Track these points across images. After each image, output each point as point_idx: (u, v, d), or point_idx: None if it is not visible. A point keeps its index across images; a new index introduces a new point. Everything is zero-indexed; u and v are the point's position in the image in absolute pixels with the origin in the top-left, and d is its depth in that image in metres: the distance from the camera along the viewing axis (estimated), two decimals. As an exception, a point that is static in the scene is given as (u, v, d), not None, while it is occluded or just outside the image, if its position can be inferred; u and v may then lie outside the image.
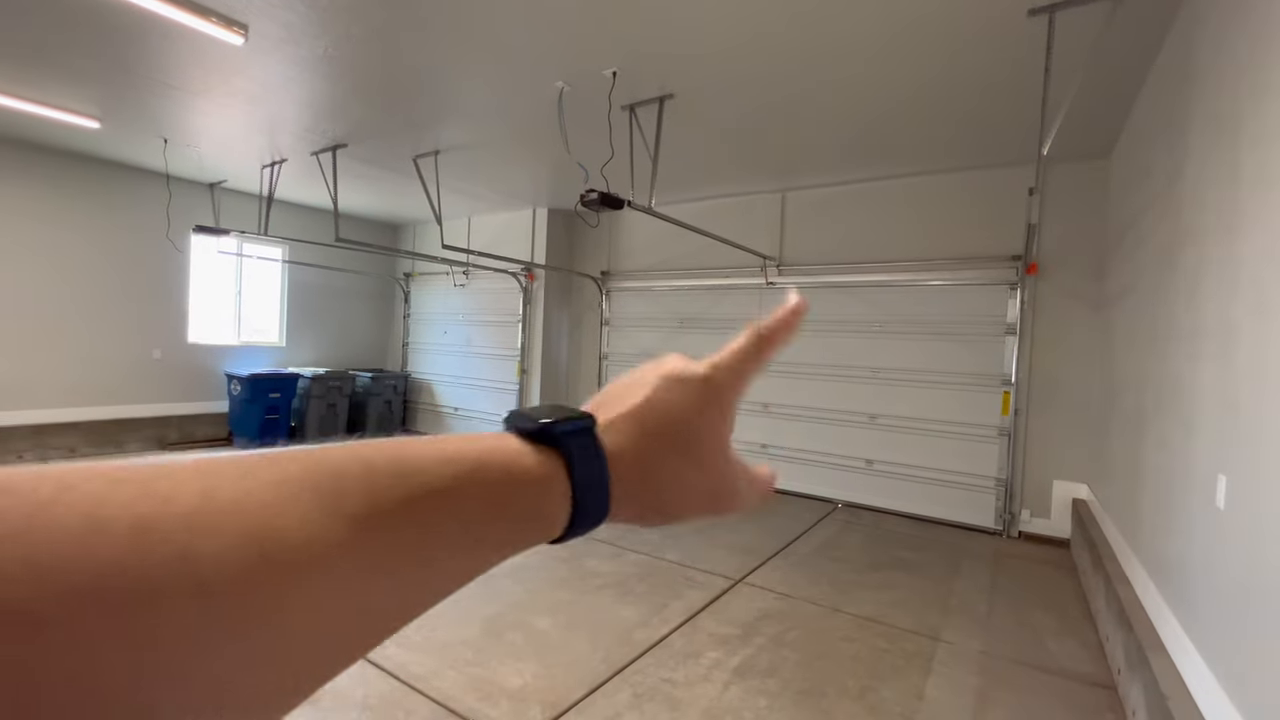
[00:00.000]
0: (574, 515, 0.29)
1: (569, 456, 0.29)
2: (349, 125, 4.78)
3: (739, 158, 5.15)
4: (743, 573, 3.83)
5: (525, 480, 0.27)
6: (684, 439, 0.33)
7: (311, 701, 2.05)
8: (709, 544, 4.35)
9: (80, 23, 3.35)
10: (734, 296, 6.42)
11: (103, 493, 0.17)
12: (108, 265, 6.37)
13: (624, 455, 0.30)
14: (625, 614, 3.16)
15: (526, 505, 0.27)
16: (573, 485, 0.29)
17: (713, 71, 3.58)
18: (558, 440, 0.29)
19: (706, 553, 4.16)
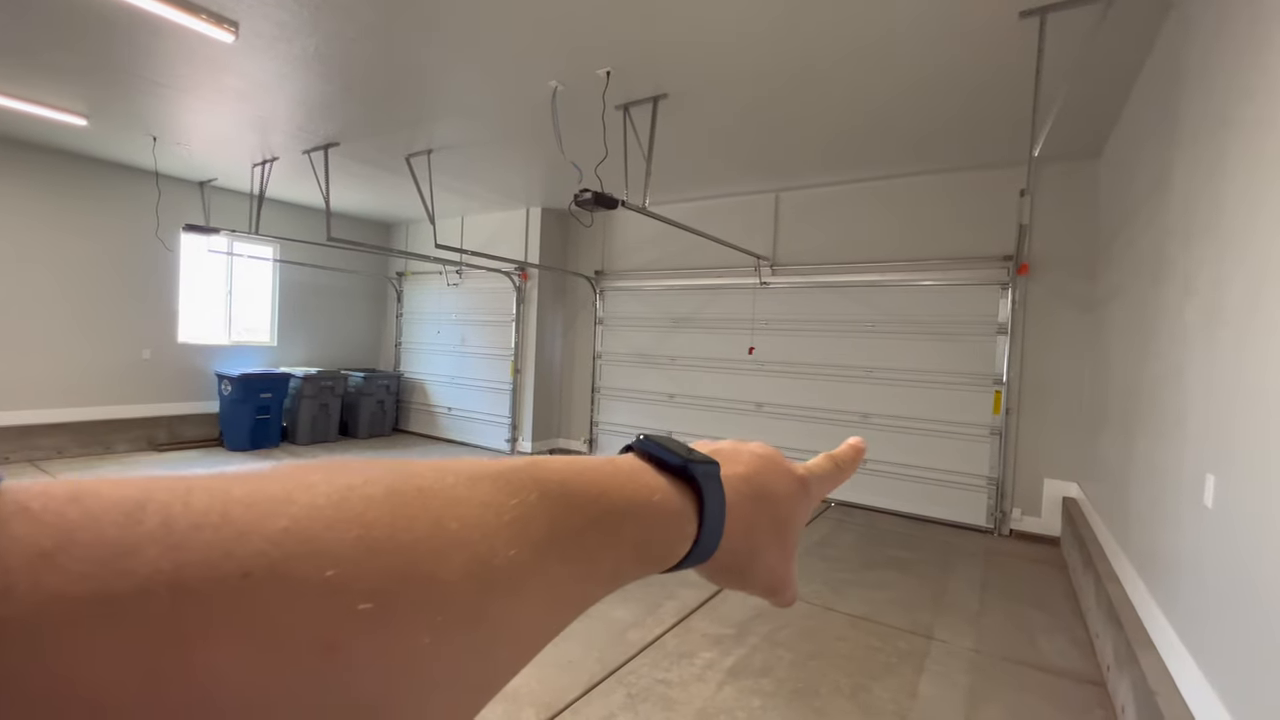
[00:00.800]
0: (689, 552, 0.30)
1: (702, 495, 0.30)
2: (341, 123, 4.75)
3: (733, 157, 5.16)
4: (736, 572, 3.83)
5: (673, 514, 0.29)
6: (781, 518, 0.35)
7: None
8: (703, 543, 4.35)
9: (67, 19, 3.31)
10: (727, 296, 6.43)
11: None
12: (96, 264, 6.30)
13: (734, 509, 0.32)
14: (619, 614, 3.16)
15: (668, 536, 0.29)
16: (700, 524, 0.30)
17: (706, 71, 3.58)
18: (695, 478, 0.30)
19: (700, 552, 4.16)
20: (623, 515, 0.26)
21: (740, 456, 0.35)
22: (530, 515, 0.23)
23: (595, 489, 0.26)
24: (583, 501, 0.25)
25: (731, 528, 0.32)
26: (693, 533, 0.30)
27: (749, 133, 4.55)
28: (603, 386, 7.37)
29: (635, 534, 0.27)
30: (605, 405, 7.35)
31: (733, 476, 0.33)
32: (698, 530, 0.30)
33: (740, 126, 4.43)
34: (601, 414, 7.37)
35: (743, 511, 0.33)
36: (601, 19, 3.07)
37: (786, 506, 0.36)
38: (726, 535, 0.31)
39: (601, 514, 0.26)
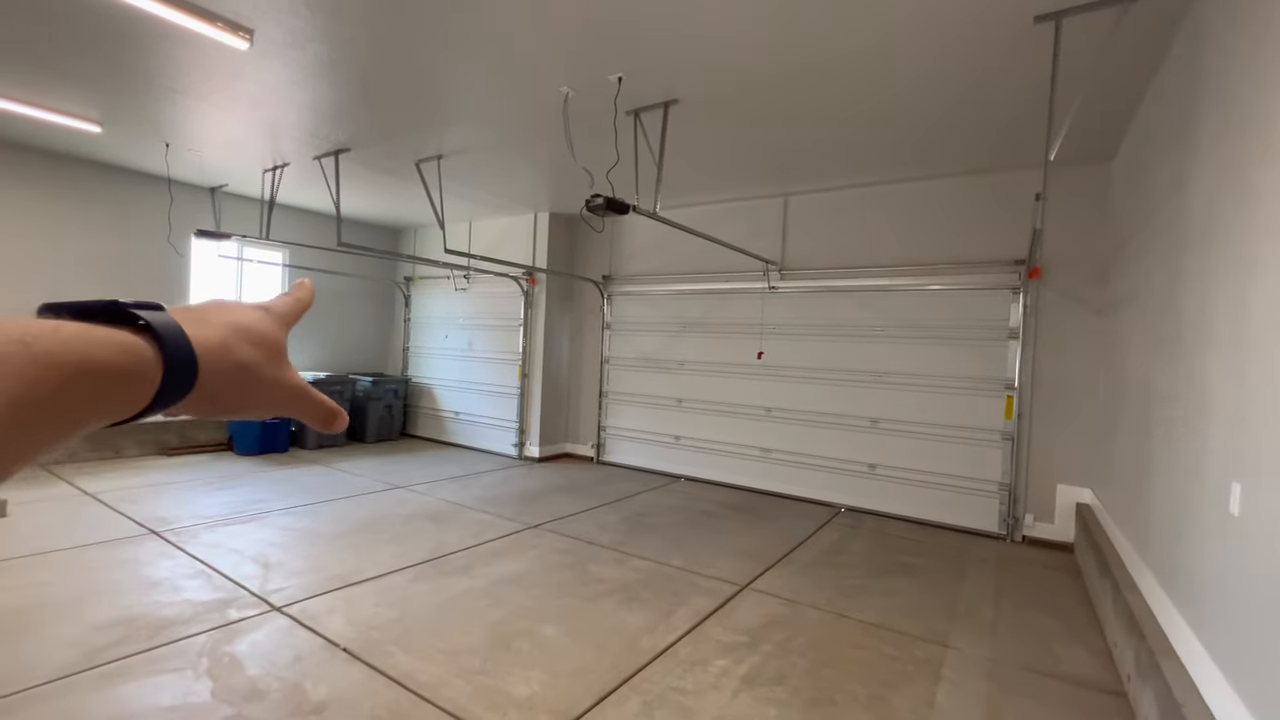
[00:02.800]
0: (165, 385, 0.33)
1: (155, 329, 0.33)
2: (352, 129, 4.77)
3: (742, 162, 5.15)
4: (748, 578, 3.81)
5: (104, 343, 0.30)
6: (258, 338, 0.40)
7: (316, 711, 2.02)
8: (712, 550, 4.33)
9: (83, 27, 3.34)
10: (736, 301, 6.41)
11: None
12: (108, 270, 6.34)
13: (203, 341, 0.36)
14: (631, 621, 3.14)
15: (106, 366, 0.30)
16: (164, 355, 0.33)
17: (717, 76, 3.57)
18: (134, 316, 0.33)
19: (710, 558, 4.14)
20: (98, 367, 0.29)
21: (188, 309, 0.39)
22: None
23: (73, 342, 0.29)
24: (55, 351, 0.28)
25: (207, 351, 0.35)
26: (154, 362, 0.32)
27: (758, 137, 4.54)
28: (610, 391, 7.36)
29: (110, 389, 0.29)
30: (613, 410, 7.34)
31: (192, 319, 0.36)
32: (162, 358, 0.32)
33: (750, 131, 4.42)
34: (609, 418, 7.36)
35: (210, 337, 0.36)
36: (613, 26, 3.07)
37: (260, 328, 0.41)
38: (203, 357, 0.35)
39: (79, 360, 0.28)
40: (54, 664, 2.49)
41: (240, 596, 3.21)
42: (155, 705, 2.25)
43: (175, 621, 2.90)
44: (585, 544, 4.33)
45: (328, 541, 4.12)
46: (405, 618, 3.05)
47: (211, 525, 4.35)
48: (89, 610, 2.97)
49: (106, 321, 0.31)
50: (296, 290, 0.50)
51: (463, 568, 3.75)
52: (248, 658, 2.61)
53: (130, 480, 5.50)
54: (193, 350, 0.34)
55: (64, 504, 4.68)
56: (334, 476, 6.04)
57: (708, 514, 5.31)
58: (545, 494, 5.72)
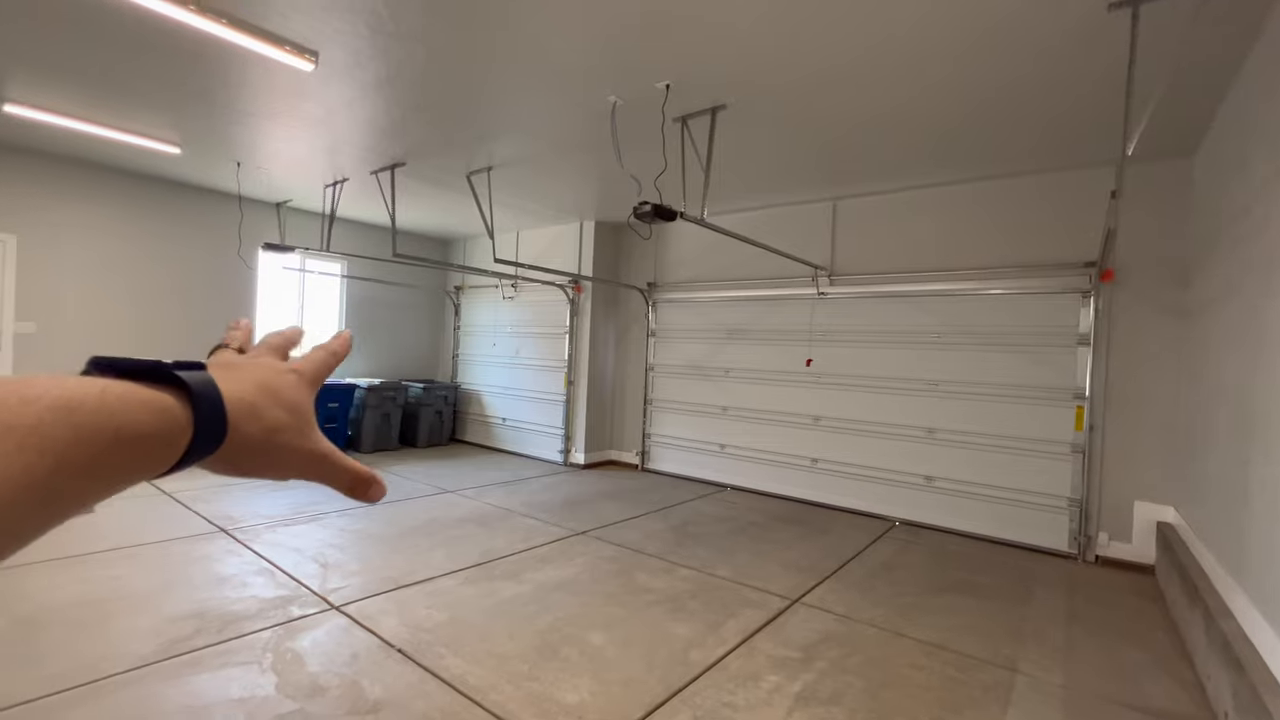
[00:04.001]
0: (193, 445, 0.33)
1: (191, 389, 0.33)
2: (408, 144, 4.94)
3: (791, 166, 5.06)
4: (799, 592, 3.70)
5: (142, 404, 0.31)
6: (288, 401, 0.40)
7: (373, 711, 2.05)
8: (760, 561, 4.23)
9: (165, 56, 3.58)
10: (784, 307, 6.30)
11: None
12: (185, 282, 6.76)
13: (235, 399, 0.36)
14: (680, 632, 3.09)
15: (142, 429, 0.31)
16: (196, 415, 0.33)
17: (767, 81, 3.53)
18: (175, 377, 0.33)
19: (759, 570, 4.05)
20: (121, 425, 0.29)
21: (224, 361, 0.41)
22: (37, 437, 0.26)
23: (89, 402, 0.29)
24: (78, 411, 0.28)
25: (237, 412, 0.35)
26: (186, 422, 0.32)
27: (808, 140, 4.46)
28: (655, 398, 7.33)
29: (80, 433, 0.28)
30: (658, 417, 7.31)
31: (227, 377, 0.37)
32: (194, 418, 0.33)
33: (799, 134, 4.34)
34: (654, 426, 7.33)
35: (243, 397, 0.36)
36: (661, 34, 3.07)
37: (290, 392, 0.40)
38: (233, 419, 0.35)
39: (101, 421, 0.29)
40: (135, 653, 2.63)
41: (301, 594, 3.33)
42: (225, 697, 2.35)
43: (242, 616, 3.03)
44: (632, 552, 4.30)
45: (381, 543, 4.24)
46: (455, 621, 3.09)
47: (274, 525, 4.54)
48: (166, 603, 3.13)
49: (150, 380, 0.32)
50: (332, 344, 0.49)
51: (511, 573, 3.79)
52: (309, 654, 2.70)
53: (202, 480, 5.81)
54: (225, 412, 0.35)
55: (144, 501, 4.98)
56: (387, 480, 6.19)
57: (755, 524, 5.21)
58: (591, 501, 5.74)
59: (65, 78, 3.97)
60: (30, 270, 5.80)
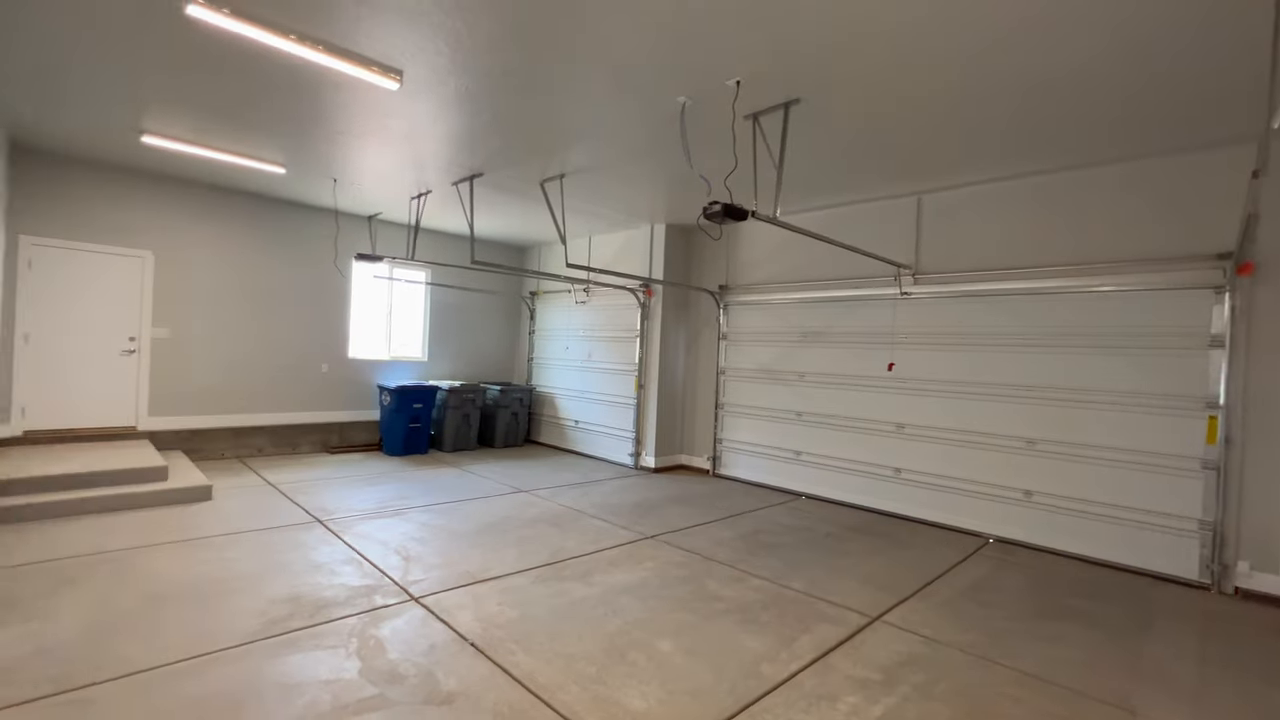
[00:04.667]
0: None
1: None
2: (485, 155, 5.13)
3: (870, 160, 4.82)
4: (878, 609, 3.49)
5: None
6: None
7: (447, 701, 2.10)
8: (836, 575, 4.03)
9: (272, 85, 3.90)
10: (864, 308, 6.01)
11: None
12: (288, 292, 7.36)
13: None
14: (750, 644, 2.99)
15: None
16: None
17: (842, 71, 3.37)
18: None
19: (835, 584, 3.86)
20: None
21: None
22: None
23: None
24: None
25: None
26: None
27: (889, 133, 4.22)
28: (727, 403, 7.21)
29: None
30: (730, 422, 7.18)
31: None
32: None
33: (880, 127, 4.12)
34: (726, 431, 7.21)
35: None
36: (731, 31, 3.00)
37: None
38: None
39: None
40: (241, 630, 2.86)
41: (384, 584, 3.51)
42: (315, 677, 2.50)
43: (332, 603, 3.22)
44: (701, 559, 4.23)
45: (458, 539, 4.40)
46: (526, 619, 3.14)
47: (363, 518, 4.83)
48: (268, 586, 3.39)
49: None
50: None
51: (581, 574, 3.82)
52: (389, 642, 2.83)
53: (302, 473, 6.29)
54: None
55: (252, 491, 5.45)
56: (465, 478, 6.47)
57: (832, 535, 4.98)
58: (661, 505, 5.70)
59: (191, 111, 4.43)
60: (164, 282, 6.51)
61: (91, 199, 6.07)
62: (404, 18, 3.04)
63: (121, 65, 3.76)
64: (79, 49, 3.58)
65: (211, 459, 6.77)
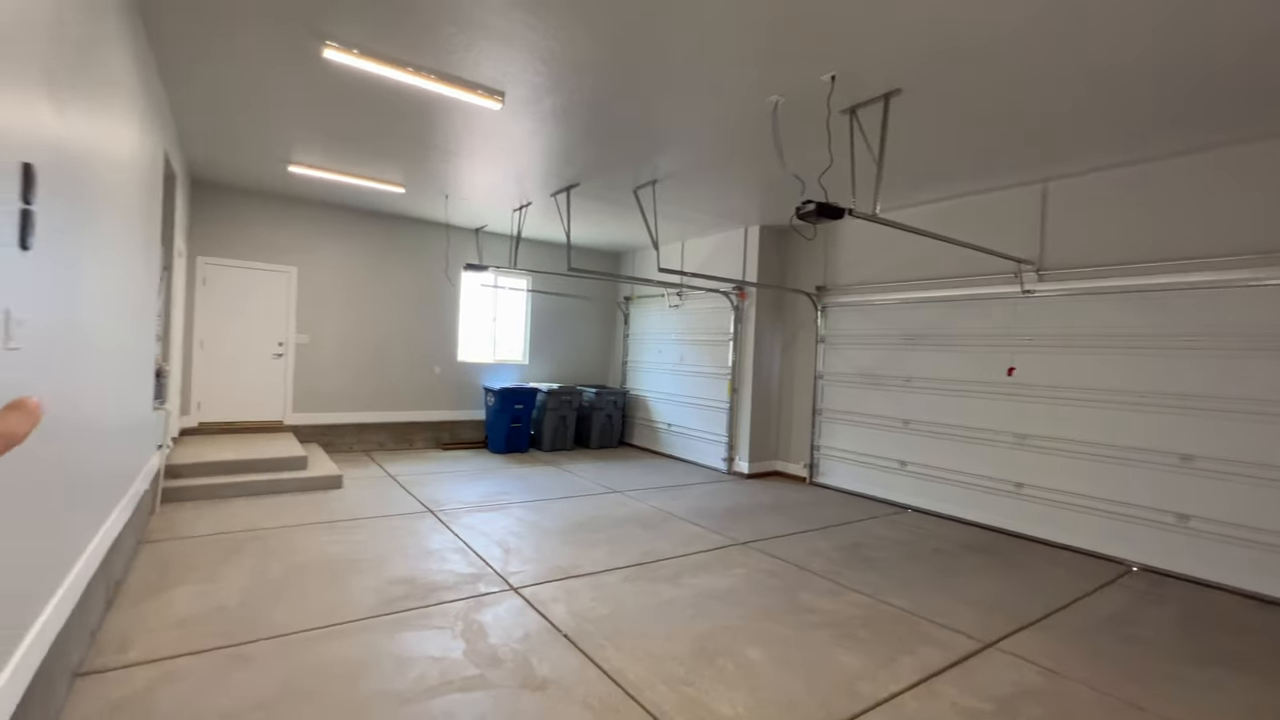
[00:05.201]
0: None
1: None
2: (580, 166, 5.33)
3: (984, 147, 4.46)
4: (993, 635, 3.21)
5: None
6: None
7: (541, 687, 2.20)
8: (944, 594, 3.76)
9: (393, 113, 4.30)
10: (978, 308, 5.56)
11: None
12: (405, 301, 8.05)
13: None
14: (846, 660, 2.87)
15: None
16: None
17: (950, 53, 3.16)
18: None
19: (942, 604, 3.60)
20: None
21: None
22: None
23: None
24: None
25: None
26: None
27: (1007, 115, 3.89)
28: (825, 409, 6.94)
29: None
30: (828, 429, 6.91)
31: None
32: None
33: (995, 109, 3.81)
34: (824, 438, 6.94)
35: None
36: (825, 25, 2.91)
37: None
38: None
39: None
40: (364, 605, 3.17)
41: (487, 574, 3.73)
42: (425, 654, 2.72)
43: (441, 587, 3.48)
44: (795, 568, 4.10)
45: (554, 535, 4.59)
46: (616, 615, 3.22)
47: (470, 510, 5.17)
48: (386, 567, 3.73)
49: None
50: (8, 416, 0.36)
51: (670, 576, 3.84)
52: (490, 628, 3.01)
53: (417, 467, 6.84)
54: None
55: (375, 482, 6.01)
56: (562, 477, 6.73)
57: (939, 551, 4.64)
58: (754, 511, 5.60)
59: (328, 141, 4.99)
60: (305, 293, 7.37)
61: (249, 222, 6.99)
62: (504, 42, 3.24)
63: (273, 106, 4.32)
64: (241, 97, 4.16)
65: (341, 451, 7.54)
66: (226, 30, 3.31)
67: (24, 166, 1.66)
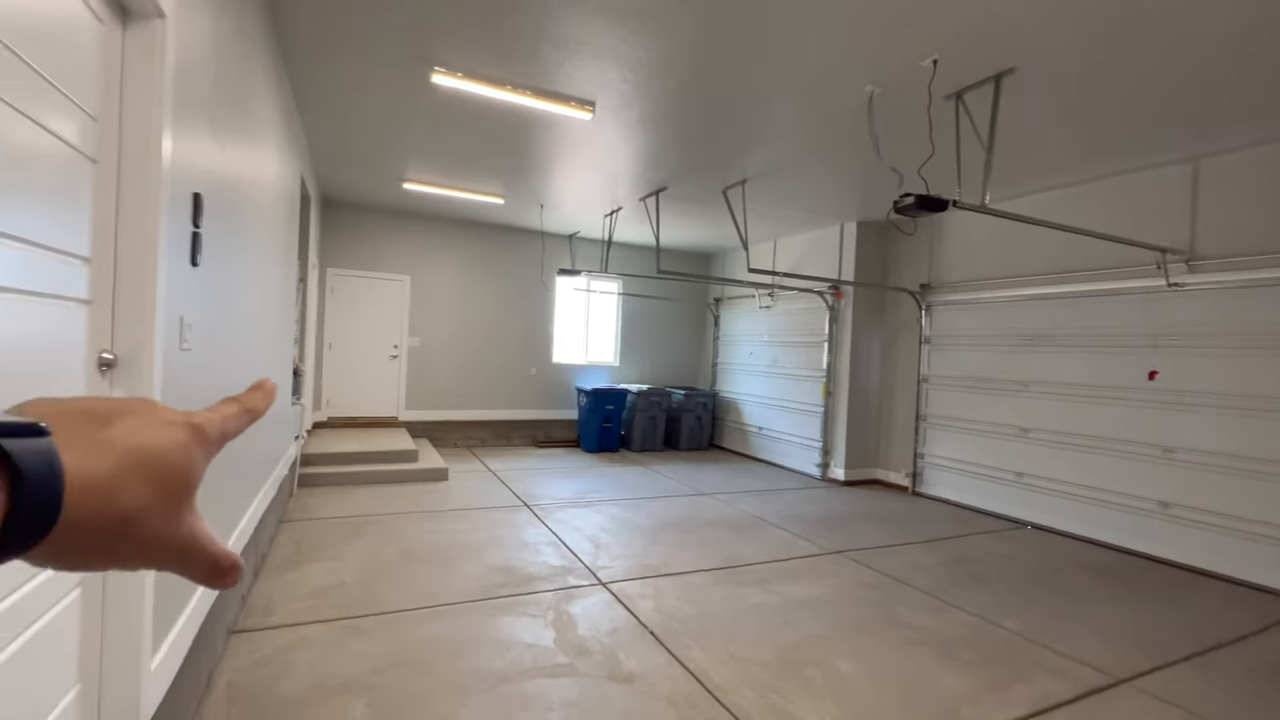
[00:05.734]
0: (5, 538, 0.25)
1: (16, 467, 0.24)
2: (669, 170, 5.39)
3: (1118, 125, 4.00)
4: (1126, 670, 2.86)
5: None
6: (167, 474, 0.30)
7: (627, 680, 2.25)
8: (1066, 620, 3.40)
9: (494, 130, 4.58)
10: (1111, 305, 4.98)
11: None
12: (504, 305, 8.51)
13: (81, 473, 0.27)
14: (948, 682, 2.68)
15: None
16: (14, 505, 0.24)
17: (1078, 22, 2.87)
18: None
19: (1063, 631, 3.26)
20: None
21: (94, 410, 0.29)
22: None
23: None
24: None
25: (81, 496, 0.26)
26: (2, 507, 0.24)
27: (1148, 87, 3.46)
28: (930, 414, 6.51)
29: None
30: (933, 435, 6.47)
31: (84, 439, 0.28)
32: (9, 509, 0.24)
33: (1131, 82, 3.41)
34: (928, 445, 6.51)
35: (96, 473, 0.27)
36: (930, 3, 2.75)
37: (173, 458, 0.31)
38: (73, 505, 0.26)
39: None
40: (465, 590, 3.40)
41: (578, 567, 3.86)
42: (519, 639, 2.87)
43: (535, 577, 3.65)
44: (893, 581, 3.89)
45: (643, 534, 4.66)
46: (702, 616, 3.21)
47: (561, 506, 5.37)
48: (487, 555, 3.97)
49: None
50: (250, 396, 0.38)
51: (758, 581, 3.78)
52: (580, 619, 3.11)
53: (514, 463, 7.20)
54: (58, 501, 0.26)
55: (478, 476, 6.40)
56: (651, 477, 6.80)
57: (1061, 573, 4.21)
58: (849, 520, 5.37)
59: (437, 159, 5.40)
60: (417, 300, 8.00)
61: (370, 236, 7.71)
62: (593, 54, 3.36)
63: (391, 129, 4.74)
64: (364, 122, 4.61)
65: (447, 446, 8.10)
66: (352, 64, 3.68)
67: (194, 196, 1.96)
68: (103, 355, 1.50)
